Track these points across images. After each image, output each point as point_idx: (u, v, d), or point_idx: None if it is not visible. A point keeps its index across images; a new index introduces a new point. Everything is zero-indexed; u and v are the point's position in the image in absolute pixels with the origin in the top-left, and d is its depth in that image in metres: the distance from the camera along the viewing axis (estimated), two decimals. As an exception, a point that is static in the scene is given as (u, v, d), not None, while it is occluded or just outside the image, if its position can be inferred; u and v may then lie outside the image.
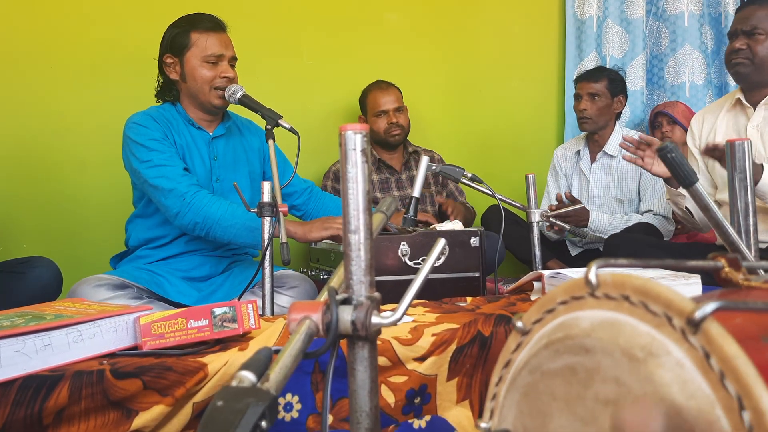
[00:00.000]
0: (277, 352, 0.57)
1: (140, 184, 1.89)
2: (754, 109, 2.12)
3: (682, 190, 2.03)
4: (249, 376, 0.53)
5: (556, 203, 2.54)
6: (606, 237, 2.54)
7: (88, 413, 1.01)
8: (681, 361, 0.38)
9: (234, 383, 0.52)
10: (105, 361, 1.07)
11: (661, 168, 1.99)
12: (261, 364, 0.55)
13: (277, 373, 0.54)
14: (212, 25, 1.93)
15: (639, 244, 2.22)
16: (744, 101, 2.14)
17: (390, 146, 2.85)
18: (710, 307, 0.37)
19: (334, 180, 2.81)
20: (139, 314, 1.13)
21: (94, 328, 1.08)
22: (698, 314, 0.37)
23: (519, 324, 0.49)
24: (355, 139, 0.64)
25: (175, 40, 1.92)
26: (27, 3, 2.55)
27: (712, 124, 2.24)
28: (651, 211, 2.64)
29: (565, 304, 0.46)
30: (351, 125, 0.64)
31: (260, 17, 2.90)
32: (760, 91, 2.11)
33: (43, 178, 2.58)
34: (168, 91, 1.99)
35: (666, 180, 2.07)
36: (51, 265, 1.84)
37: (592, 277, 0.43)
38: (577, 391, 0.43)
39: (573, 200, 2.51)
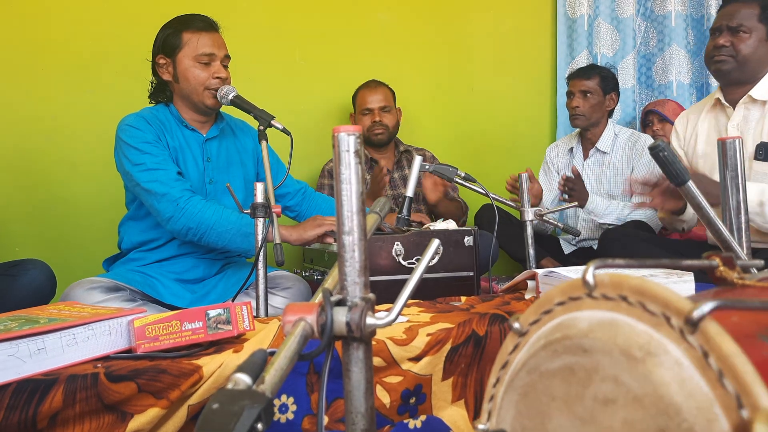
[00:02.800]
0: (272, 354, 0.57)
1: (132, 187, 1.88)
2: (734, 108, 2.11)
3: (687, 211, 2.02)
4: (244, 379, 0.53)
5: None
6: (601, 220, 2.60)
7: (83, 417, 1.00)
8: (679, 360, 0.38)
9: (229, 386, 0.51)
10: (99, 365, 1.06)
11: (672, 204, 1.93)
12: (256, 366, 0.55)
13: (272, 375, 0.54)
14: (204, 25, 1.92)
15: (633, 239, 2.23)
16: (723, 101, 2.13)
17: (376, 145, 2.85)
18: (708, 306, 0.37)
19: (331, 178, 2.81)
20: (133, 317, 1.13)
21: (88, 332, 1.08)
22: (696, 313, 0.37)
23: (516, 325, 0.49)
24: (348, 141, 0.64)
25: (168, 41, 1.91)
26: (16, 4, 2.53)
27: (694, 125, 2.23)
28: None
29: (562, 305, 0.46)
30: (344, 126, 0.64)
31: (252, 18, 2.89)
32: (739, 90, 2.09)
33: (34, 181, 2.56)
34: (161, 92, 1.98)
35: (674, 211, 2.02)
36: (44, 267, 1.83)
37: (590, 278, 0.43)
38: (575, 391, 0.43)
39: (579, 177, 2.58)
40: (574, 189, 2.54)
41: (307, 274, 2.18)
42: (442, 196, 2.58)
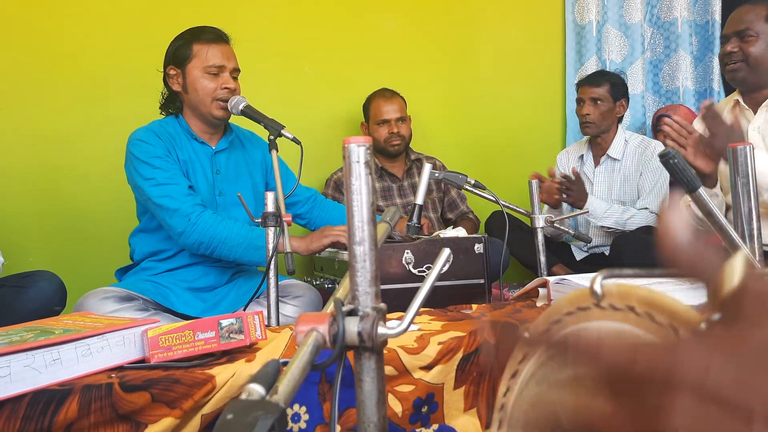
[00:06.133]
0: (284, 364, 0.57)
1: (144, 201, 1.90)
2: (754, 112, 2.11)
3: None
4: (258, 389, 0.53)
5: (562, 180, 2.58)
6: (599, 223, 2.59)
7: (98, 427, 1.01)
8: (687, 371, 0.38)
9: (243, 396, 0.52)
10: (113, 375, 1.07)
11: (702, 162, 1.84)
12: (269, 376, 0.55)
13: (285, 385, 0.55)
14: (214, 36, 1.94)
15: (645, 244, 2.21)
16: (743, 104, 2.13)
17: (393, 156, 2.86)
18: (714, 317, 0.37)
19: (334, 189, 2.83)
20: (147, 327, 1.14)
21: (102, 342, 1.09)
22: (703, 325, 0.38)
23: (525, 335, 0.50)
24: (359, 152, 0.64)
25: (178, 52, 1.93)
26: (29, 17, 2.57)
27: None
28: (647, 209, 2.65)
29: (571, 315, 0.46)
30: (354, 138, 0.64)
31: (261, 29, 2.92)
32: (759, 93, 2.09)
33: (47, 193, 2.59)
34: (171, 103, 2.00)
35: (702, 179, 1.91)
36: (54, 279, 1.85)
37: (598, 288, 0.43)
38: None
39: (579, 180, 2.56)
40: (571, 189, 2.54)
41: (317, 282, 2.19)
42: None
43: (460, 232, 1.90)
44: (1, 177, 2.52)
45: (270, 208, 1.57)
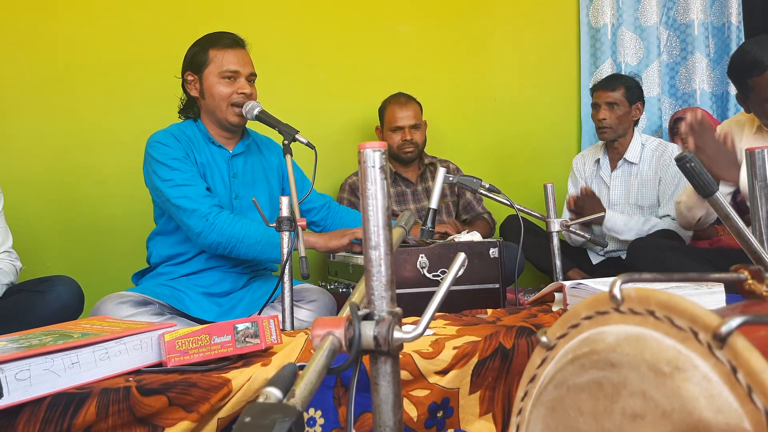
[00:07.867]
0: (300, 368, 0.57)
1: (162, 203, 1.92)
2: None
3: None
4: (275, 393, 0.53)
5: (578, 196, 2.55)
6: (622, 237, 2.56)
7: (115, 429, 1.02)
8: (708, 375, 0.38)
9: (261, 399, 0.52)
10: (131, 378, 1.08)
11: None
12: (286, 380, 0.55)
13: (302, 389, 0.55)
14: (230, 42, 1.96)
15: (662, 248, 2.19)
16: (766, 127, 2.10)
17: (405, 162, 2.86)
18: (736, 321, 0.37)
19: (350, 193, 2.83)
20: (164, 331, 1.15)
21: (120, 346, 1.10)
22: (724, 329, 0.37)
23: (544, 339, 0.50)
24: (374, 157, 0.65)
25: (195, 58, 1.95)
26: (49, 23, 2.60)
27: (738, 142, 2.18)
28: (669, 216, 2.62)
29: (589, 319, 0.46)
30: (370, 143, 0.65)
31: (275, 34, 2.93)
32: None
33: (65, 198, 2.62)
34: (190, 108, 2.02)
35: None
36: (72, 283, 1.86)
37: (617, 292, 0.43)
38: (603, 406, 0.43)
39: (593, 196, 2.51)
40: (583, 207, 2.49)
41: (331, 286, 2.19)
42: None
43: (475, 236, 1.90)
44: (20, 182, 2.55)
45: (284, 212, 1.58)
